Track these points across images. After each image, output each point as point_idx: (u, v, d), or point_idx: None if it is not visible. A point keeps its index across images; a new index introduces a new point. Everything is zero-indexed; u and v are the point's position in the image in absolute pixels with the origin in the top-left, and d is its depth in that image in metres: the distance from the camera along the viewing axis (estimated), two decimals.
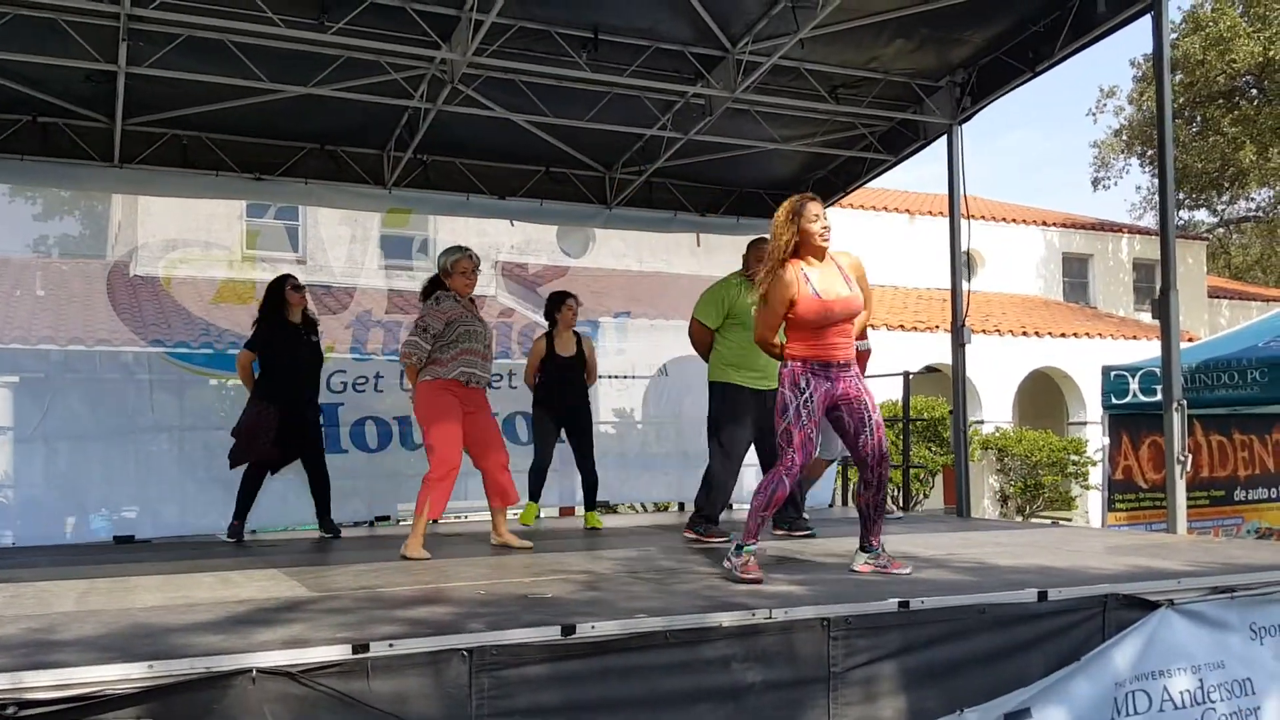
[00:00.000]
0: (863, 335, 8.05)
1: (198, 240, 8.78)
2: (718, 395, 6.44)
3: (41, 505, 7.92)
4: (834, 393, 4.79)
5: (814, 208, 4.79)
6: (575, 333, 7.84)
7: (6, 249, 8.81)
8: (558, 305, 7.81)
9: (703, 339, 6.61)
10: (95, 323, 8.70)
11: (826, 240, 4.79)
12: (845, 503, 9.66)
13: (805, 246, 4.76)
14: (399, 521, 9.83)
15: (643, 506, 12.28)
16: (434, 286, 6.15)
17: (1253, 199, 28.90)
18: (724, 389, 6.40)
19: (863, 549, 4.96)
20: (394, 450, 8.70)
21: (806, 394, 4.73)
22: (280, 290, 7.04)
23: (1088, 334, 19.57)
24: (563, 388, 7.68)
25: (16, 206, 8.97)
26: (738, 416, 6.32)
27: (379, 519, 8.48)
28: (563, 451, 9.28)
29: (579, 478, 9.59)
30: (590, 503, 7.83)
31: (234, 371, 7.60)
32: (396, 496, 8.68)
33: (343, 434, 8.56)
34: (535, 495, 7.79)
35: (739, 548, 4.71)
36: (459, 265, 6.03)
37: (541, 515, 8.15)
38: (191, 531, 7.76)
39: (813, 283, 4.73)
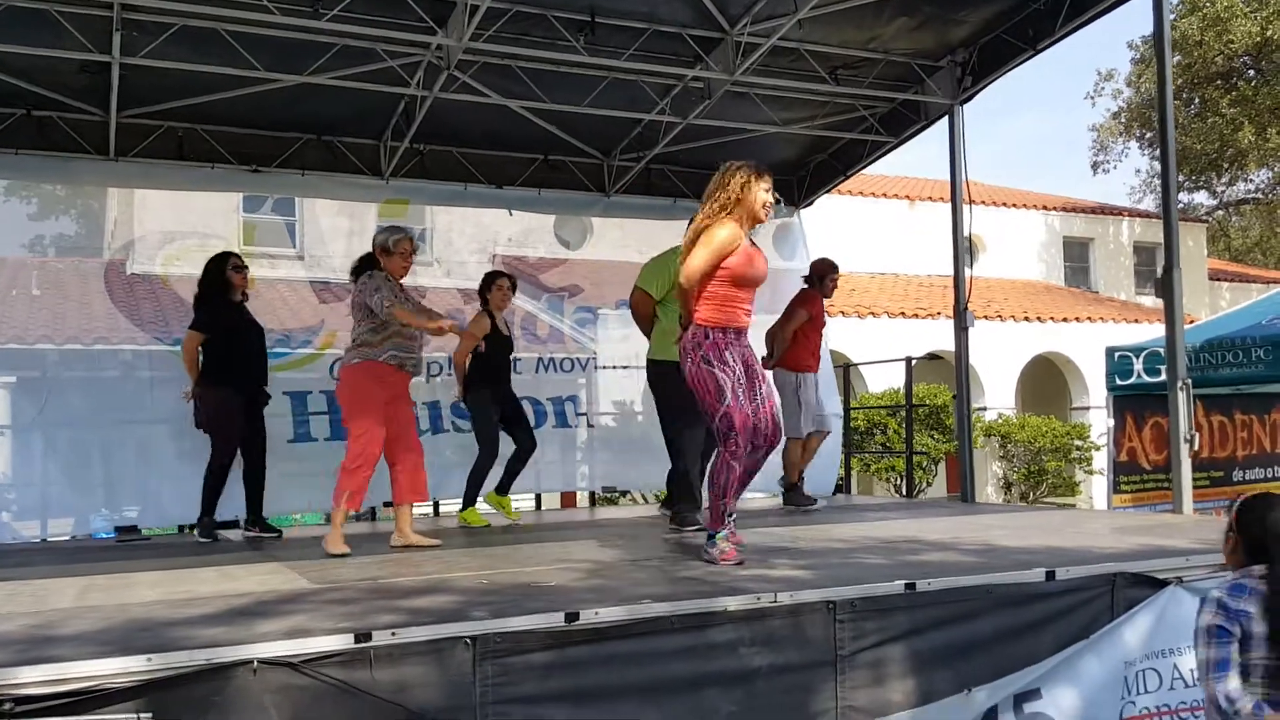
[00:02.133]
0: None
1: (195, 235, 8.72)
2: (666, 374, 6.01)
3: (43, 503, 7.89)
4: (744, 358, 4.71)
5: (768, 182, 4.74)
6: (504, 317, 7.44)
7: (2, 249, 8.76)
8: (488, 285, 7.29)
9: (644, 309, 6.43)
10: (93, 320, 8.65)
11: (766, 218, 4.77)
12: (848, 490, 9.61)
13: (746, 215, 4.69)
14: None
15: (643, 497, 12.28)
16: (364, 264, 5.93)
17: (1251, 180, 28.81)
18: (675, 367, 6.10)
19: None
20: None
21: (738, 370, 4.60)
22: (222, 270, 6.72)
23: (1089, 318, 19.51)
24: (505, 370, 7.25)
25: (11, 206, 8.94)
26: (672, 394, 6.01)
27: (386, 504, 8.37)
28: (556, 436, 9.25)
29: (584, 462, 9.60)
30: (505, 487, 7.34)
31: None
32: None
33: None
34: (474, 500, 7.21)
35: (711, 537, 4.68)
36: (400, 245, 5.76)
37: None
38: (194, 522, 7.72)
39: (751, 251, 4.72)
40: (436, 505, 8.93)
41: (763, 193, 4.67)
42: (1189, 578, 4.33)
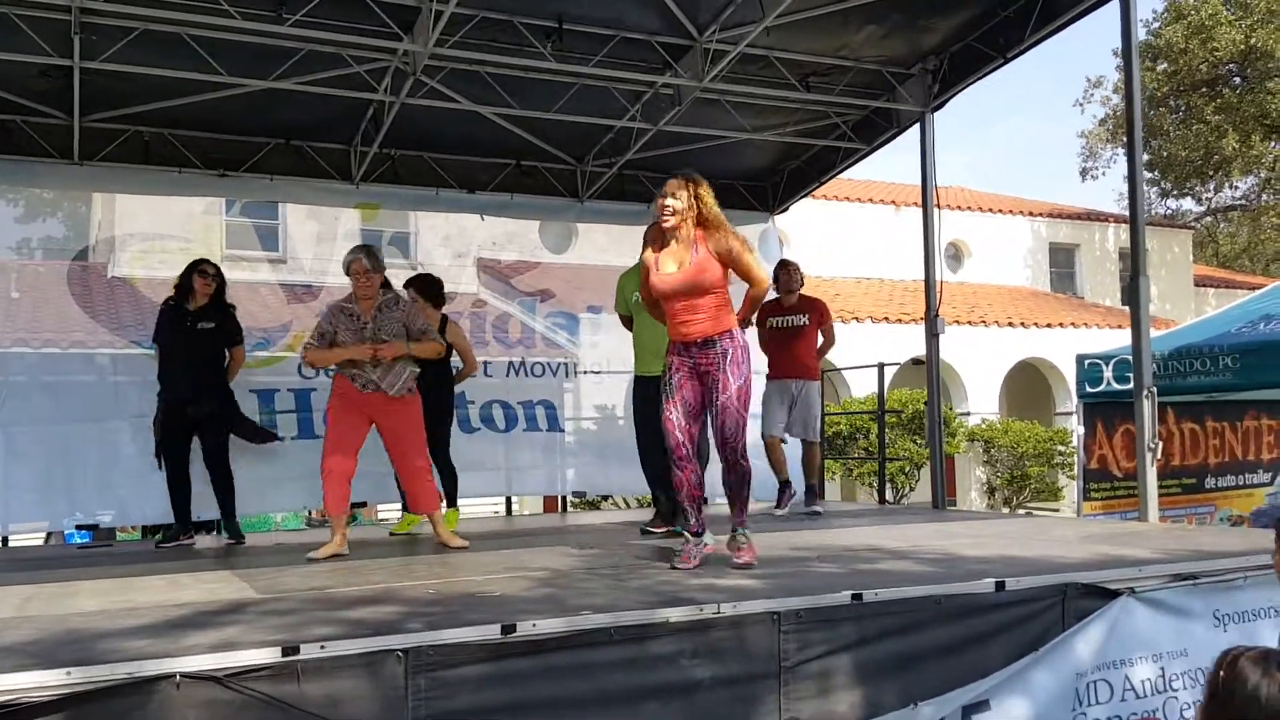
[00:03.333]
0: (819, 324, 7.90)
1: (177, 240, 8.68)
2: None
3: (12, 510, 7.83)
4: (698, 370, 4.76)
5: (667, 186, 4.78)
6: (444, 315, 7.44)
7: None
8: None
9: (627, 327, 6.69)
10: (70, 324, 8.60)
11: (665, 220, 4.75)
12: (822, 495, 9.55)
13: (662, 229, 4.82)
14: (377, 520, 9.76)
15: (624, 502, 12.23)
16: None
17: (1237, 187, 28.89)
18: (634, 380, 6.57)
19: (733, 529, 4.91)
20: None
21: (668, 376, 4.81)
22: (188, 275, 6.69)
23: (1074, 324, 19.53)
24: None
25: None
26: (638, 407, 6.43)
27: (355, 505, 8.26)
28: (527, 440, 9.20)
29: (560, 467, 9.54)
30: (450, 499, 7.27)
31: None
32: (375, 486, 8.51)
33: (316, 419, 8.45)
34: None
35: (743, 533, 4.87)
36: (353, 266, 5.83)
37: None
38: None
39: (659, 262, 4.79)
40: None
41: (659, 200, 4.77)
42: (1141, 588, 4.30)
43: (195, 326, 6.64)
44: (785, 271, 7.86)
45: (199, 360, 6.67)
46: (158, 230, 8.67)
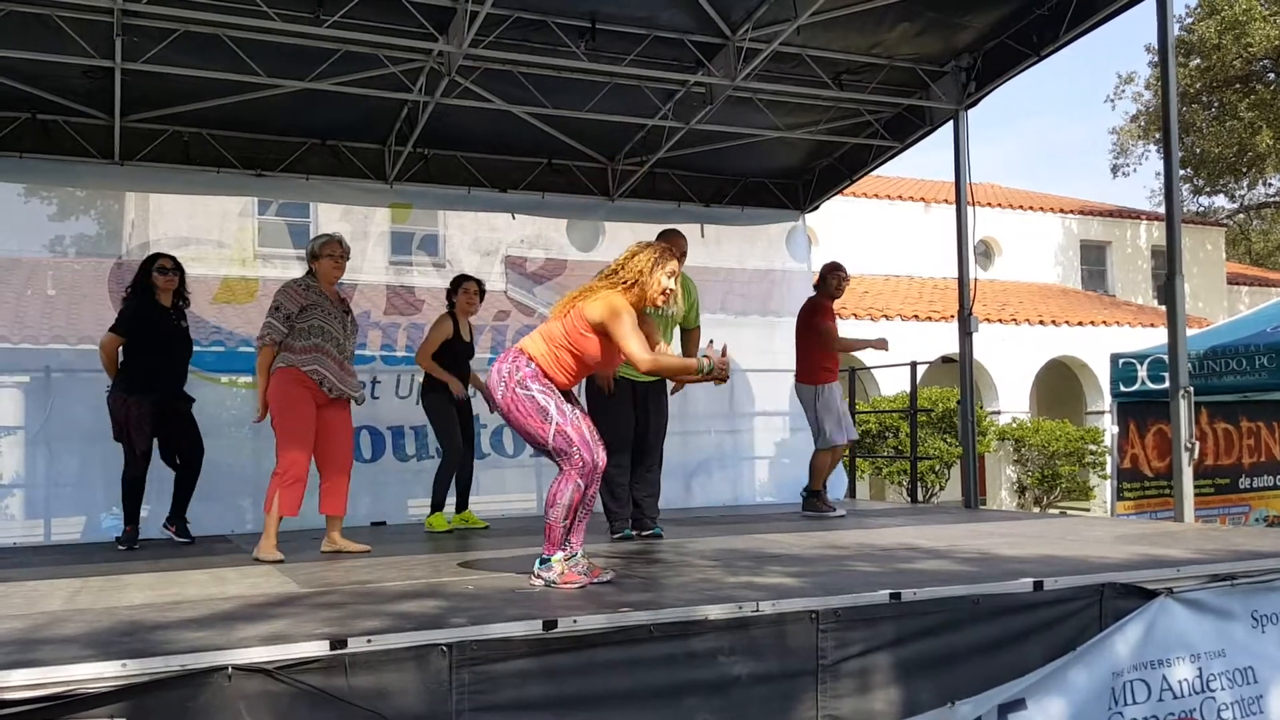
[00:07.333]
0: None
1: (210, 239, 8.77)
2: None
3: (51, 504, 7.95)
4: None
5: (674, 266, 4.45)
6: (469, 323, 7.35)
7: (20, 249, 8.83)
8: (455, 288, 7.25)
9: None
10: (105, 323, 8.73)
11: (663, 306, 4.45)
12: (854, 494, 9.56)
13: (641, 298, 4.41)
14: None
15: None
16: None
17: (1271, 184, 28.57)
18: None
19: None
20: (387, 461, 8.57)
21: (558, 394, 4.37)
22: (147, 271, 6.53)
23: (1105, 322, 19.39)
24: (465, 377, 7.16)
25: (32, 207, 8.99)
26: (609, 407, 5.97)
27: (374, 524, 8.11)
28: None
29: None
30: (464, 503, 7.30)
31: (244, 371, 7.73)
32: (397, 500, 8.54)
33: None
34: (442, 503, 7.10)
35: (543, 561, 4.33)
36: (327, 248, 5.80)
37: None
38: (202, 532, 7.76)
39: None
40: None
41: (664, 278, 4.40)
42: (1179, 589, 4.30)
43: (178, 324, 6.60)
44: (842, 274, 8.05)
45: (183, 358, 6.66)
46: (192, 230, 8.76)
